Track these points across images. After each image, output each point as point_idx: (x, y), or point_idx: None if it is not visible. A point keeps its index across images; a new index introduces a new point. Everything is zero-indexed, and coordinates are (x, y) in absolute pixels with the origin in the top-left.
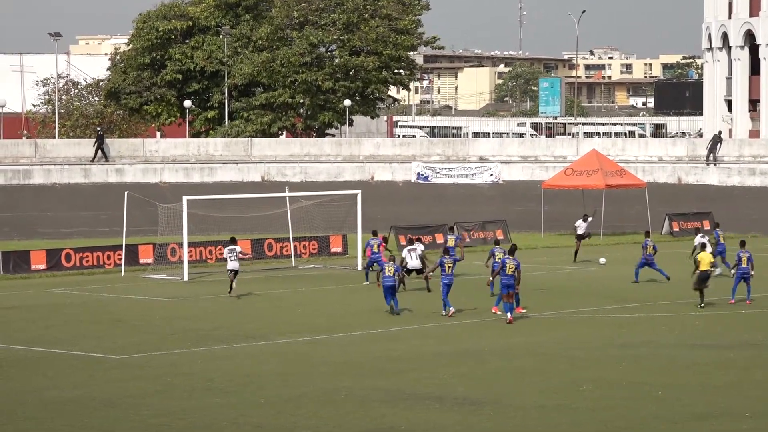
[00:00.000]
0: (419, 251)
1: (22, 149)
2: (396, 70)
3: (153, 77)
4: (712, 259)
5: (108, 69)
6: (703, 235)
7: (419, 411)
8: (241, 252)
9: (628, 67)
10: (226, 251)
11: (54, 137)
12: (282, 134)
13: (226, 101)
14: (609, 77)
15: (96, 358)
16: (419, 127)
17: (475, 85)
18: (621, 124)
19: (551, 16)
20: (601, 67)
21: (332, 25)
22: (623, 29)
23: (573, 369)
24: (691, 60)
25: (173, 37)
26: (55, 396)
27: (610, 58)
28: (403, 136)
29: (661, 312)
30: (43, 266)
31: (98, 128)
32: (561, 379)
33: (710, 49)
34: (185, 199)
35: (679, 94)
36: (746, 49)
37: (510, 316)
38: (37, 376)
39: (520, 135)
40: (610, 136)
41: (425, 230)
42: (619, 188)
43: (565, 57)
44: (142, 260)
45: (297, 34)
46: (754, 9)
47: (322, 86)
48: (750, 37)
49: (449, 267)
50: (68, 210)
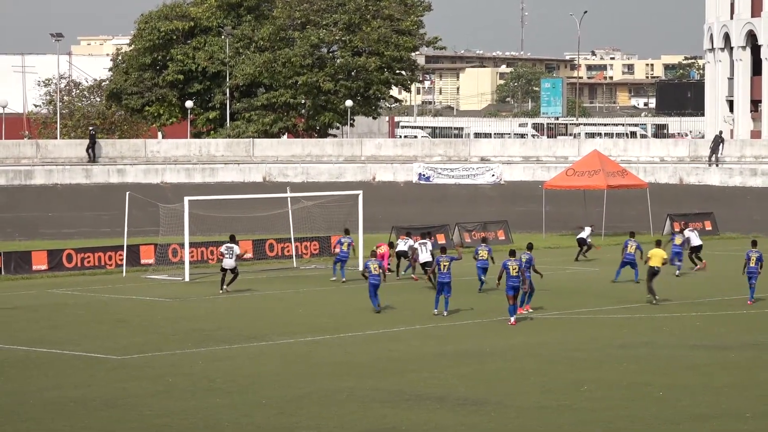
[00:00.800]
0: (429, 246)
1: (23, 150)
2: (398, 71)
3: (155, 78)
4: (664, 256)
5: (109, 69)
6: (692, 229)
7: (420, 411)
8: (238, 254)
9: (630, 68)
10: (224, 248)
11: (56, 138)
12: (284, 135)
13: (228, 102)
14: (611, 78)
15: (97, 359)
16: (421, 128)
17: (476, 86)
18: (622, 125)
19: (553, 17)
20: (603, 67)
21: (334, 25)
22: (625, 30)
23: (574, 370)
24: (692, 60)
25: (175, 37)
26: (57, 396)
27: (612, 58)
28: (405, 136)
29: (662, 313)
30: (44, 267)
31: (90, 128)
32: (562, 380)
33: (712, 49)
34: (187, 199)
35: (680, 94)
36: (748, 50)
37: (513, 320)
38: (39, 376)
39: (522, 135)
40: (612, 137)
41: (427, 230)
42: (621, 189)
43: (567, 57)
44: (143, 261)
45: (299, 34)
46: (756, 9)
47: (324, 87)
48: (752, 38)
49: (445, 266)
50: (70, 210)
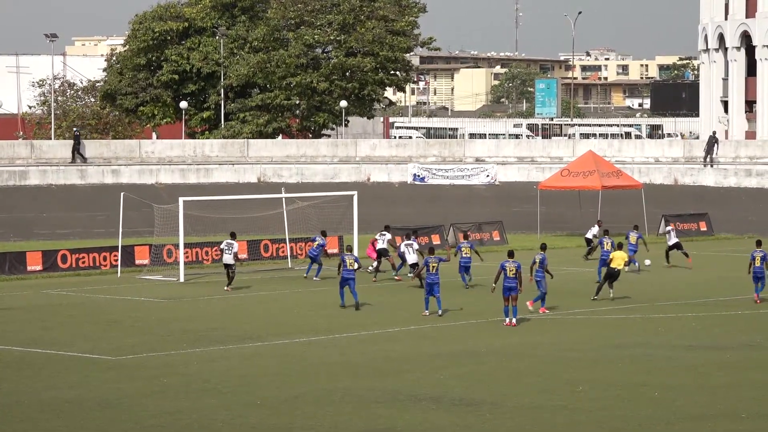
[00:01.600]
0: (416, 246)
1: (18, 150)
2: (392, 72)
3: (149, 78)
4: (626, 258)
5: (104, 70)
6: (671, 228)
7: (416, 412)
8: (236, 253)
9: (625, 68)
10: (224, 244)
11: (50, 138)
12: (278, 135)
13: (223, 102)
14: (605, 78)
15: (92, 359)
16: (415, 128)
17: (471, 87)
18: (617, 125)
19: (547, 18)
20: (598, 68)
21: (328, 26)
22: (619, 30)
23: (570, 370)
24: (687, 61)
25: (169, 38)
26: (52, 397)
27: (607, 59)
28: (400, 137)
29: (658, 313)
30: (39, 267)
31: (74, 129)
32: (557, 380)
33: (706, 50)
34: (181, 200)
35: (675, 95)
36: (742, 50)
37: (508, 321)
38: (33, 377)
39: (517, 136)
40: (607, 137)
41: (421, 231)
42: (616, 189)
43: (562, 58)
44: (138, 261)
45: (293, 35)
46: (751, 10)
47: (319, 87)
48: (746, 38)
49: (434, 267)
50: (64, 211)
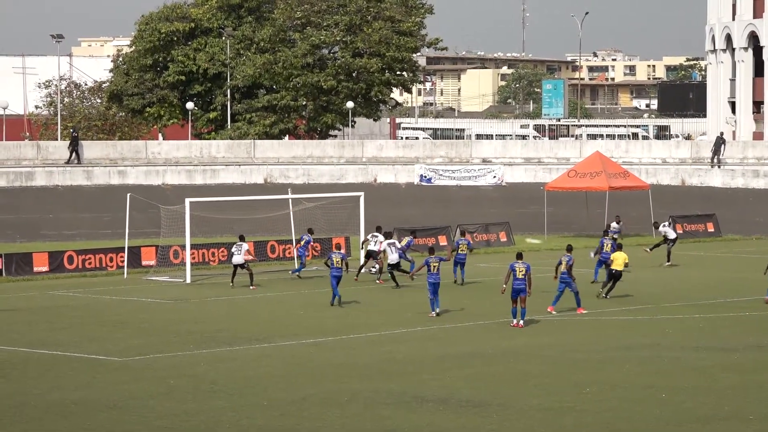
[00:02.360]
0: (398, 245)
1: (24, 151)
2: (399, 72)
3: (155, 79)
4: (626, 259)
5: (110, 71)
6: (668, 224)
7: (423, 413)
8: (248, 251)
9: (632, 69)
10: (234, 247)
11: (56, 139)
12: (285, 136)
13: (229, 103)
14: (612, 79)
15: (99, 360)
16: (422, 129)
17: (478, 87)
18: (624, 126)
19: (554, 18)
20: (605, 68)
21: (335, 26)
22: (626, 31)
23: (577, 371)
24: (694, 62)
25: (176, 38)
26: (58, 398)
27: (614, 59)
28: (406, 138)
29: (665, 314)
30: (45, 268)
31: (72, 129)
32: (565, 382)
33: (714, 50)
34: (188, 201)
35: (682, 95)
36: (750, 51)
37: (515, 322)
38: (40, 378)
39: (524, 137)
40: (614, 138)
41: (428, 232)
42: (623, 190)
43: (569, 59)
44: (144, 262)
45: (299, 35)
46: (758, 10)
47: (325, 85)
48: (754, 39)
49: (435, 267)
50: (70, 212)
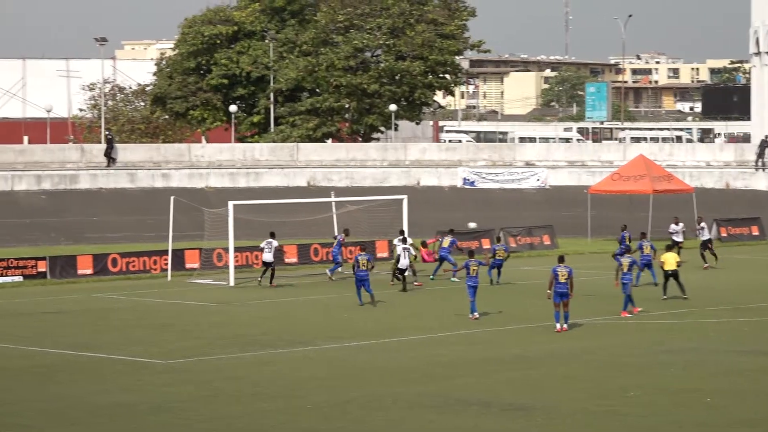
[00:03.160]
0: (411, 251)
1: (68, 154)
2: (442, 75)
3: (198, 82)
4: (678, 259)
5: (154, 74)
6: (702, 227)
7: (467, 417)
8: (277, 248)
9: (675, 72)
10: (264, 243)
11: (100, 142)
12: (327, 140)
13: (272, 106)
14: (656, 82)
15: (143, 363)
16: (465, 132)
17: (521, 90)
18: (668, 129)
19: (597, 20)
20: (648, 71)
21: (378, 29)
22: (670, 34)
23: (621, 375)
24: (738, 64)
25: (219, 41)
26: (103, 400)
27: (657, 62)
28: (449, 141)
29: (710, 318)
30: (89, 271)
31: (107, 132)
32: (608, 385)
33: (758, 53)
34: (231, 204)
35: (726, 98)
36: None
37: (559, 326)
38: (85, 380)
39: (567, 140)
40: (657, 141)
41: (471, 235)
42: (667, 193)
43: (612, 61)
44: (188, 265)
45: (342, 38)
46: None
47: (369, 89)
48: None
49: (474, 270)
50: (114, 214)
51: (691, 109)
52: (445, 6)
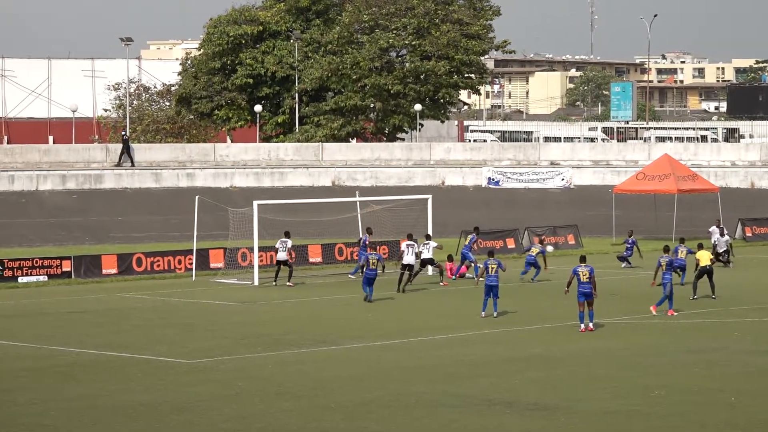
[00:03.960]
0: (416, 248)
1: (93, 154)
2: (466, 75)
3: (224, 82)
4: (711, 256)
5: (179, 74)
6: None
7: (490, 416)
8: (290, 249)
9: (701, 72)
10: (278, 243)
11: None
12: (352, 139)
13: (297, 106)
14: (681, 81)
15: (167, 363)
16: (490, 132)
17: (546, 90)
18: (693, 129)
19: (622, 20)
20: (673, 71)
21: (403, 29)
22: (696, 33)
23: (645, 374)
24: (764, 64)
25: (244, 41)
26: (127, 400)
27: (682, 62)
28: (474, 140)
29: (734, 317)
30: (114, 271)
31: (123, 133)
32: (632, 385)
33: None
34: (256, 203)
35: (752, 98)
36: None
37: (583, 327)
38: (108, 380)
39: (592, 139)
40: (682, 141)
41: (496, 235)
42: (692, 193)
43: (637, 61)
44: (212, 265)
45: (367, 38)
46: None
47: (393, 89)
48: None
49: (493, 269)
50: (139, 214)
51: (717, 108)
52: (470, 6)
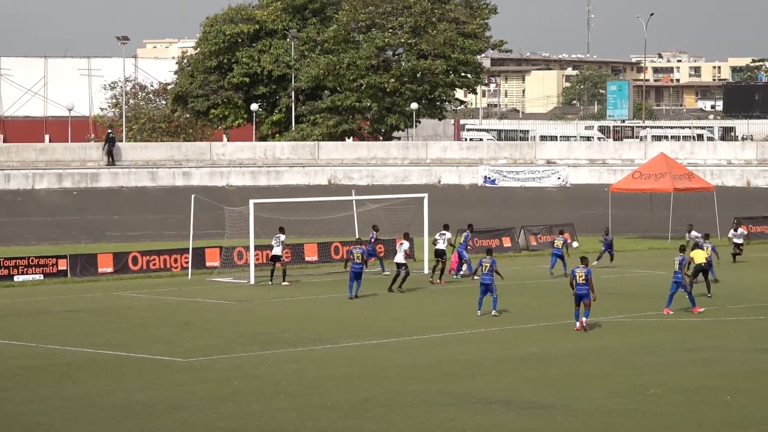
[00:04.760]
0: (405, 247)
1: (89, 152)
2: (463, 74)
3: (220, 80)
4: (707, 254)
5: (175, 72)
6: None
7: (487, 415)
8: (285, 242)
9: (697, 70)
10: (274, 239)
11: (121, 141)
12: (348, 138)
13: (293, 105)
14: (677, 80)
15: (163, 361)
16: (486, 131)
17: (542, 89)
18: (689, 128)
19: (619, 19)
20: (670, 70)
21: (399, 28)
22: (692, 32)
23: (641, 373)
24: (760, 63)
25: (240, 40)
26: (123, 399)
27: (679, 61)
28: (470, 139)
29: (730, 316)
30: (110, 269)
31: (109, 131)
32: (628, 384)
33: None
34: (252, 202)
35: (748, 96)
36: None
37: (578, 325)
38: (105, 379)
39: (588, 138)
40: (679, 140)
41: (492, 233)
42: (688, 192)
43: (633, 60)
44: (208, 263)
45: (363, 37)
46: None
47: (389, 87)
48: None
49: (486, 266)
50: (135, 213)
51: (713, 107)
52: (467, 4)
